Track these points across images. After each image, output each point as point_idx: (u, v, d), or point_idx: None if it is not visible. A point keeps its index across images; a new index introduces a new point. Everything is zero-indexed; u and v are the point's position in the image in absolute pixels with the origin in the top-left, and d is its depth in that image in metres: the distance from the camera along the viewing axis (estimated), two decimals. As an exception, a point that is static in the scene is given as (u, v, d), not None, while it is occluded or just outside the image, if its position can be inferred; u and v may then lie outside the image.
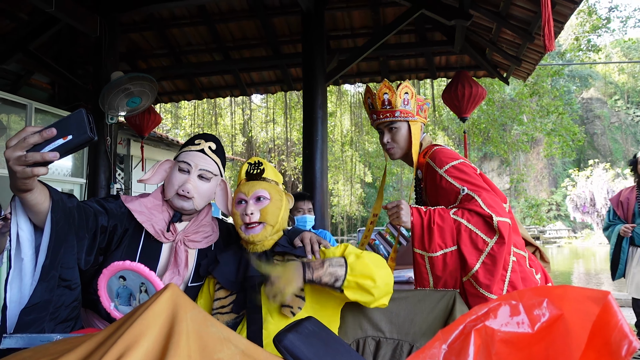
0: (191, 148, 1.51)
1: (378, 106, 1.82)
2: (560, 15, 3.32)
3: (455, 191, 1.68)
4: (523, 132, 13.93)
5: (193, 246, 1.50)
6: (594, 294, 0.59)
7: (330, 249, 1.42)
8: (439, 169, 1.73)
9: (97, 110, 4.11)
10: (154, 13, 5.00)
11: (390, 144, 1.85)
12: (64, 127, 0.95)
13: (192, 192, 1.43)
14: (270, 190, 1.43)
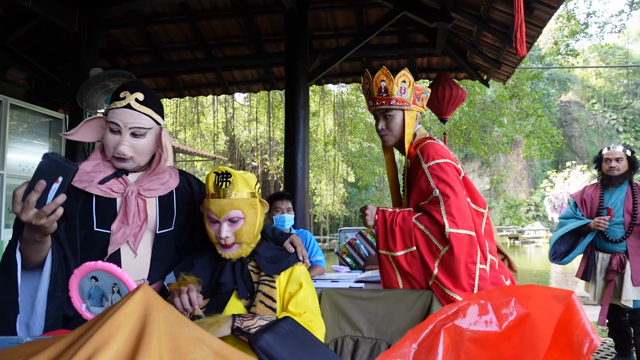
0: (117, 104, 1.41)
1: (375, 93, 1.81)
2: (539, 20, 3.39)
3: (429, 190, 1.69)
4: (503, 133, 14.16)
5: (150, 194, 1.47)
6: (559, 293, 0.60)
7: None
8: (424, 163, 1.74)
9: (75, 107, 4.04)
10: (135, 9, 4.92)
11: (384, 131, 1.86)
12: (48, 175, 1.07)
13: (127, 152, 1.39)
14: (244, 208, 1.38)
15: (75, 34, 4.14)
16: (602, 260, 3.30)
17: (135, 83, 1.46)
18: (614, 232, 3.22)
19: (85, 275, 0.99)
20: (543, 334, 0.62)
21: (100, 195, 1.40)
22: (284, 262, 1.42)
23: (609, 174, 3.28)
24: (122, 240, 1.39)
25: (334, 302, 1.81)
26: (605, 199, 3.29)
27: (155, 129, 1.46)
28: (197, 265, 1.43)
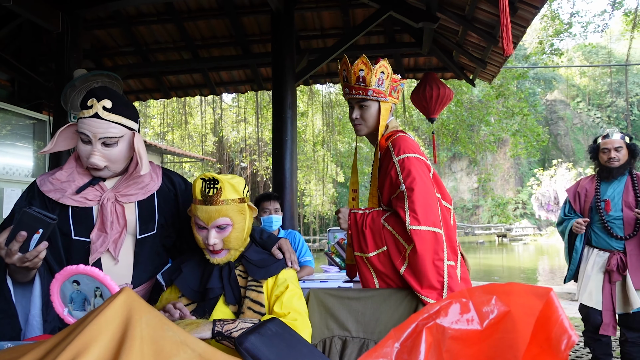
0: (85, 114, 1.37)
1: (352, 81, 1.77)
2: (523, 20, 3.42)
3: (397, 184, 1.67)
4: (490, 132, 14.28)
5: (128, 200, 1.45)
6: (538, 290, 0.61)
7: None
8: (395, 156, 1.71)
9: (60, 109, 3.98)
10: (119, 10, 4.87)
11: (358, 121, 1.83)
12: (28, 227, 1.15)
13: (100, 163, 1.37)
14: (232, 215, 1.35)
15: (59, 35, 4.08)
16: (597, 257, 2.96)
17: (102, 89, 1.41)
18: (614, 228, 2.92)
19: (66, 279, 0.98)
20: (523, 331, 0.62)
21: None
22: (272, 267, 1.41)
23: (609, 165, 2.93)
24: (103, 249, 1.37)
25: (322, 302, 1.81)
26: (602, 191, 2.98)
27: (127, 135, 1.43)
28: (184, 270, 1.41)
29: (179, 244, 1.61)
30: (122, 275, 1.41)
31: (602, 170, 2.99)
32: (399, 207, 1.64)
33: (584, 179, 3.18)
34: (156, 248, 1.53)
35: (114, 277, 1.30)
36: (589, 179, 3.13)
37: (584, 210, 3.05)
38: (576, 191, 3.12)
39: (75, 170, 1.43)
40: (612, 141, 2.95)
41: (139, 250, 1.46)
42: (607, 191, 2.97)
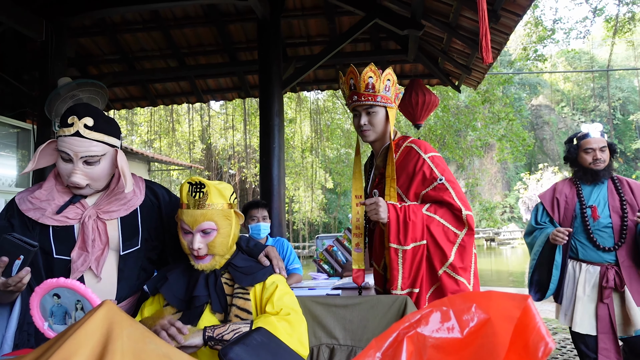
0: (66, 132, 1.34)
1: (361, 88, 1.83)
2: (506, 27, 3.48)
3: (433, 177, 1.78)
4: (477, 137, 14.43)
5: (110, 217, 1.42)
6: (515, 298, 0.62)
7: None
8: (423, 153, 1.83)
9: (44, 117, 3.94)
10: (104, 18, 4.85)
11: (366, 127, 1.87)
12: (10, 253, 1.16)
13: (81, 182, 1.35)
14: (217, 219, 1.35)
15: (43, 43, 4.04)
16: (587, 274, 2.51)
17: (83, 106, 1.39)
18: (602, 238, 2.51)
19: (46, 292, 0.97)
20: (502, 339, 0.63)
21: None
22: (259, 274, 1.40)
23: (594, 167, 2.57)
24: (84, 268, 1.35)
25: (310, 310, 1.81)
26: (586, 197, 2.59)
27: (109, 152, 1.41)
28: (170, 278, 1.40)
29: (164, 257, 1.60)
30: (105, 292, 1.38)
31: (586, 173, 2.61)
32: (445, 197, 1.75)
33: (560, 183, 2.76)
34: (141, 263, 1.51)
35: (97, 294, 1.28)
36: (566, 183, 2.72)
37: (564, 219, 2.61)
38: (553, 197, 2.68)
39: (54, 188, 1.41)
40: (596, 140, 2.59)
41: (123, 267, 1.44)
42: (591, 196, 2.59)
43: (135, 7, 4.04)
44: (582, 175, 2.65)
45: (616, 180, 2.62)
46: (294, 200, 20.23)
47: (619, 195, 2.56)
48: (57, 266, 1.35)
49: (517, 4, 3.12)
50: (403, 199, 1.84)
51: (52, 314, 0.99)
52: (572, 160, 2.71)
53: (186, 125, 17.83)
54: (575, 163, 2.69)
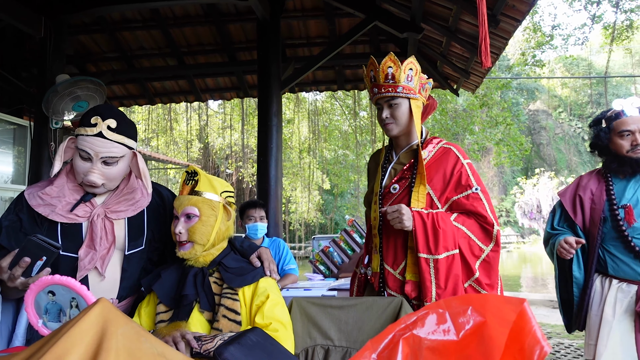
0: (88, 131, 1.37)
1: (381, 79, 1.74)
2: (505, 32, 3.49)
3: (469, 185, 1.70)
4: (474, 141, 14.47)
5: (118, 216, 1.44)
6: (512, 301, 0.62)
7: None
8: (462, 159, 1.74)
9: (41, 114, 3.92)
10: (104, 15, 4.84)
11: (389, 120, 1.76)
12: (32, 254, 1.18)
13: (98, 181, 1.37)
14: (201, 206, 1.38)
15: (41, 40, 4.03)
16: (620, 293, 1.95)
17: (107, 108, 1.42)
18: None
19: (41, 289, 0.96)
20: (497, 342, 0.63)
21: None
22: (249, 276, 1.40)
23: (635, 155, 1.97)
24: (91, 266, 1.36)
25: (304, 311, 1.81)
26: (618, 193, 2.01)
27: (128, 154, 1.44)
28: (163, 276, 1.41)
29: (164, 258, 1.61)
30: (107, 290, 1.39)
31: (623, 163, 2.01)
32: (479, 208, 1.67)
33: (586, 176, 2.19)
34: (144, 263, 1.52)
35: (99, 292, 1.29)
36: (594, 177, 2.14)
37: (591, 223, 2.05)
38: (575, 194, 2.13)
39: (66, 185, 1.42)
40: (635, 119, 1.98)
41: (127, 266, 1.45)
42: (625, 193, 2.00)
43: (135, 5, 4.03)
44: (617, 167, 2.02)
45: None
46: (291, 200, 20.23)
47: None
48: (63, 263, 1.36)
49: (516, 9, 3.14)
50: (434, 201, 1.74)
51: (47, 312, 0.99)
52: (602, 147, 2.09)
53: (184, 124, 17.81)
54: (606, 151, 2.08)
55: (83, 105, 3.91)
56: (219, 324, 1.31)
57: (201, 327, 1.34)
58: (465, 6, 3.42)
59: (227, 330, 1.30)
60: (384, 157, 1.94)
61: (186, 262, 1.40)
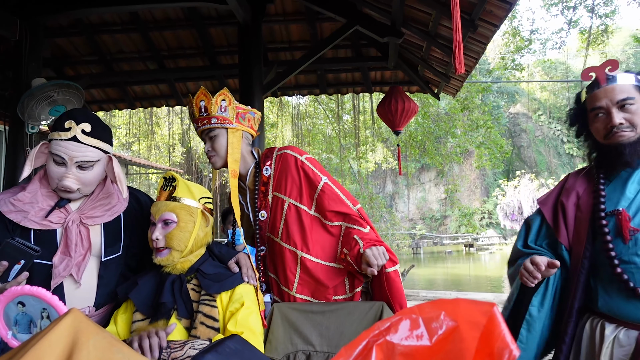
0: (62, 135, 1.34)
1: (196, 113, 1.77)
2: (483, 37, 3.55)
3: (316, 180, 1.84)
4: (456, 144, 14.65)
5: (93, 222, 1.42)
6: (482, 306, 0.63)
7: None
8: (300, 156, 1.85)
9: (16, 118, 3.84)
10: (82, 18, 4.76)
11: (211, 152, 1.79)
12: (10, 257, 1.16)
13: (73, 186, 1.35)
14: (178, 212, 1.37)
15: (17, 42, 3.94)
16: (616, 345, 1.32)
17: (82, 112, 1.40)
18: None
19: (10, 300, 0.94)
20: (469, 346, 0.63)
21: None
22: (227, 282, 1.38)
23: (612, 142, 1.41)
24: (65, 273, 1.33)
25: (286, 316, 1.80)
26: (610, 195, 1.44)
27: (103, 159, 1.42)
28: (140, 283, 1.39)
29: (143, 264, 1.59)
30: (84, 298, 1.36)
31: (603, 154, 1.46)
32: (335, 205, 1.80)
33: (572, 176, 1.61)
34: (121, 270, 1.50)
35: (76, 300, 1.26)
36: (581, 176, 1.57)
37: (575, 238, 1.47)
38: (557, 202, 1.55)
39: (39, 191, 1.39)
40: (607, 91, 1.40)
41: (103, 273, 1.43)
42: (624, 194, 1.41)
43: (114, 7, 3.98)
44: (601, 160, 1.47)
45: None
46: (275, 204, 20.13)
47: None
48: (37, 271, 1.32)
49: (494, 14, 3.19)
50: (300, 207, 1.79)
51: (17, 323, 0.96)
52: (580, 133, 1.56)
53: (166, 128, 17.62)
54: (587, 138, 1.54)
55: (60, 110, 3.83)
56: (197, 331, 1.29)
57: (179, 334, 1.32)
58: (444, 11, 3.47)
59: (205, 337, 1.29)
60: (239, 191, 1.95)
61: (163, 269, 1.38)
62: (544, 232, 1.58)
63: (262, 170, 1.85)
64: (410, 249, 27.47)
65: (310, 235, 1.78)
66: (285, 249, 1.80)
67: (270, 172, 1.85)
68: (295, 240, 1.78)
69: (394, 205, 31.72)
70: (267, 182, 1.85)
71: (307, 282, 1.81)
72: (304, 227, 1.78)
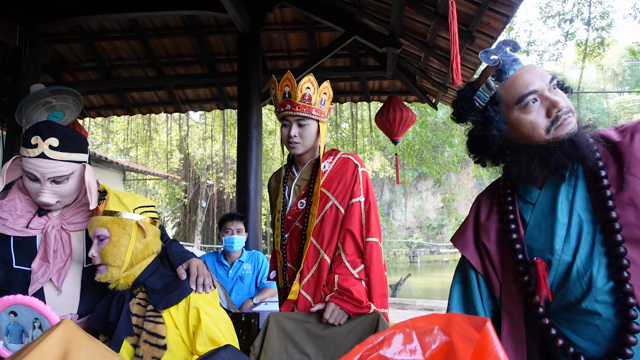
0: (30, 153, 1.30)
1: (297, 98, 1.74)
2: (480, 48, 3.57)
3: (355, 194, 1.85)
4: (454, 153, 14.69)
5: (75, 228, 1.40)
6: (475, 320, 0.63)
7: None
8: (360, 167, 1.86)
9: (14, 124, 3.83)
10: (82, 25, 4.78)
11: (297, 139, 1.79)
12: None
13: (51, 201, 1.33)
14: (111, 227, 1.30)
15: (16, 48, 3.95)
16: None
17: (47, 126, 1.35)
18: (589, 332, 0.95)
19: (2, 310, 0.93)
20: (462, 361, 0.63)
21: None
22: (174, 295, 1.29)
23: (561, 133, 0.98)
24: (44, 279, 1.31)
25: (281, 326, 1.79)
26: (540, 222, 1.03)
27: (78, 169, 1.39)
28: (98, 307, 1.35)
29: None
30: (66, 305, 1.35)
31: (546, 157, 1.00)
32: (350, 223, 1.79)
33: (485, 198, 1.22)
34: None
35: (57, 307, 1.25)
36: (490, 192, 1.21)
37: (505, 296, 1.08)
38: (477, 240, 1.16)
39: (17, 198, 1.38)
40: (534, 70, 1.03)
41: (87, 280, 1.40)
42: (549, 218, 1.03)
43: (113, 15, 4.00)
44: (531, 168, 1.01)
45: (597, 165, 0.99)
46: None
47: (601, 196, 0.97)
48: (16, 277, 1.31)
49: (491, 26, 3.22)
50: (338, 208, 1.81)
51: (8, 333, 0.95)
52: (483, 138, 1.06)
53: (164, 134, 17.61)
54: (503, 147, 1.07)
55: (58, 116, 3.83)
56: (140, 350, 1.23)
57: (126, 353, 1.27)
58: (442, 22, 3.50)
59: (149, 356, 1.22)
60: (284, 176, 1.98)
61: (108, 285, 1.33)
62: (484, 289, 1.12)
63: (320, 164, 1.85)
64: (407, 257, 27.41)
65: (336, 241, 1.80)
66: (311, 243, 1.81)
67: (328, 168, 1.86)
68: (324, 239, 1.79)
69: (391, 213, 31.71)
70: (320, 176, 1.85)
71: (316, 281, 1.80)
72: (336, 231, 1.79)
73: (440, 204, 28.31)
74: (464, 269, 1.16)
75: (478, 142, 1.08)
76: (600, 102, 35.04)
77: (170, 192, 18.51)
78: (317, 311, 1.78)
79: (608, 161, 1.00)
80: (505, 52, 1.06)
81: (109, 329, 1.28)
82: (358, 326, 1.75)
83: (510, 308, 1.05)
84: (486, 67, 1.08)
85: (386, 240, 17.45)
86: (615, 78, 33.01)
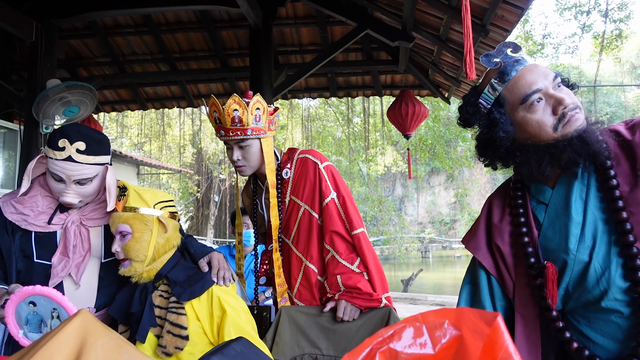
0: (57, 155, 1.33)
1: (227, 123, 1.65)
2: (494, 42, 3.52)
3: (325, 194, 1.82)
4: (467, 148, 14.55)
5: (94, 224, 1.43)
6: (486, 315, 0.63)
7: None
8: (320, 163, 1.82)
9: (31, 118, 3.90)
10: (96, 20, 4.83)
11: (241, 162, 1.73)
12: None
13: (74, 201, 1.37)
14: (133, 223, 1.33)
15: (32, 44, 4.01)
16: None
17: (75, 129, 1.37)
18: (604, 332, 0.94)
19: (22, 300, 0.96)
20: (472, 356, 0.63)
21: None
22: (197, 287, 1.34)
23: (569, 131, 0.97)
24: (64, 274, 1.35)
25: (293, 319, 1.81)
26: (554, 222, 1.01)
27: (101, 171, 1.42)
28: (117, 298, 1.39)
29: None
30: (84, 299, 1.38)
31: (555, 156, 0.98)
32: (333, 224, 1.77)
33: (496, 199, 1.20)
34: None
35: (76, 301, 1.28)
36: (502, 192, 1.21)
37: (520, 299, 1.06)
38: (490, 242, 1.12)
39: (39, 194, 1.41)
40: (537, 70, 1.02)
41: (104, 274, 1.44)
42: (564, 218, 1.00)
43: (127, 10, 4.03)
44: (542, 167, 1.00)
45: (609, 164, 0.98)
46: (284, 206, 20.15)
47: (613, 201, 0.95)
48: (37, 271, 1.35)
49: (505, 19, 3.18)
50: (311, 215, 1.78)
51: (28, 322, 0.98)
52: (491, 141, 1.05)
53: (177, 129, 17.74)
54: (511, 148, 1.05)
55: (74, 110, 3.89)
56: (164, 340, 1.27)
57: (149, 343, 1.31)
58: (456, 16, 3.46)
59: (172, 346, 1.26)
60: (252, 190, 1.97)
61: (131, 278, 1.37)
62: (497, 290, 1.10)
63: (282, 172, 1.82)
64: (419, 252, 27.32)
65: (315, 246, 1.77)
66: (293, 252, 1.81)
67: (290, 175, 1.83)
68: (302, 247, 1.78)
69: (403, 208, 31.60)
70: (286, 185, 1.83)
71: (306, 288, 1.81)
72: (312, 236, 1.77)
73: (453, 199, 28.12)
74: (474, 270, 1.16)
75: (486, 145, 1.08)
76: (618, 96, 34.37)
77: (183, 187, 18.66)
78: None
79: (619, 158, 0.98)
80: (507, 54, 1.07)
81: (131, 320, 1.32)
82: (369, 320, 1.76)
83: (525, 310, 1.04)
84: (488, 70, 1.09)
85: (398, 235, 17.40)
86: (633, 71, 32.29)
